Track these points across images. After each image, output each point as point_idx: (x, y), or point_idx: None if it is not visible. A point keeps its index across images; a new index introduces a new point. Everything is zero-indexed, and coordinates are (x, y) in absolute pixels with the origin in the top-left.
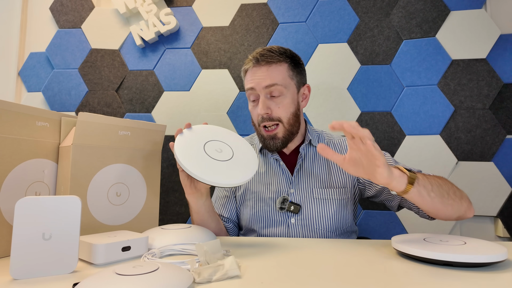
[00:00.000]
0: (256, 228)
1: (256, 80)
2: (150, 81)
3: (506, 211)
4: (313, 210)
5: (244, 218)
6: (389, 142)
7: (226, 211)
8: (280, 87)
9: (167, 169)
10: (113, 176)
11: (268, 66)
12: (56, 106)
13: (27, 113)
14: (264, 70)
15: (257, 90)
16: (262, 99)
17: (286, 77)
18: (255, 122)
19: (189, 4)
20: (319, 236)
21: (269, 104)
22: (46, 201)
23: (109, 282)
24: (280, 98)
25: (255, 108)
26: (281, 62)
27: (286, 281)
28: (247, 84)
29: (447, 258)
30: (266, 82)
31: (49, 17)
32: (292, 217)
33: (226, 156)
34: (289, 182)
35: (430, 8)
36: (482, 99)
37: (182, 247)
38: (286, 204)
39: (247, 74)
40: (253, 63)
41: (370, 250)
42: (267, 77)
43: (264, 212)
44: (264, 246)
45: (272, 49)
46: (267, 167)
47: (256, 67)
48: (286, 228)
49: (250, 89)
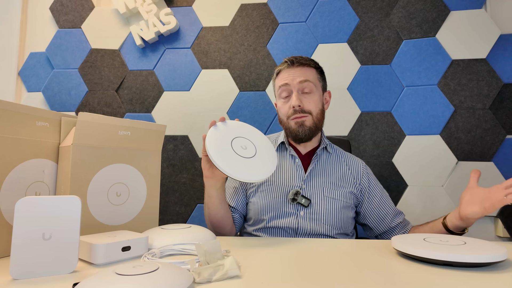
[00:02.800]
0: (266, 218)
1: (291, 77)
2: (150, 81)
3: (506, 211)
4: (322, 206)
5: (254, 207)
6: (389, 142)
7: (233, 201)
8: (312, 84)
9: (167, 169)
10: (113, 176)
11: (301, 67)
12: (56, 106)
13: (27, 113)
14: (297, 70)
15: (291, 85)
16: (296, 93)
17: (315, 78)
18: (283, 117)
19: (189, 4)
20: (324, 231)
21: (301, 98)
22: (46, 201)
23: (109, 282)
24: (311, 95)
25: (287, 103)
26: (311, 66)
27: (286, 281)
28: (281, 81)
29: (447, 258)
30: (300, 78)
31: (49, 17)
32: (302, 210)
33: (249, 154)
34: (302, 179)
35: (430, 8)
36: (482, 99)
37: (182, 247)
38: (298, 196)
39: (281, 73)
40: (288, 64)
41: (370, 250)
42: (301, 75)
43: (276, 202)
44: (264, 246)
45: (302, 56)
46: (284, 161)
47: (290, 68)
48: (295, 220)
49: (284, 85)
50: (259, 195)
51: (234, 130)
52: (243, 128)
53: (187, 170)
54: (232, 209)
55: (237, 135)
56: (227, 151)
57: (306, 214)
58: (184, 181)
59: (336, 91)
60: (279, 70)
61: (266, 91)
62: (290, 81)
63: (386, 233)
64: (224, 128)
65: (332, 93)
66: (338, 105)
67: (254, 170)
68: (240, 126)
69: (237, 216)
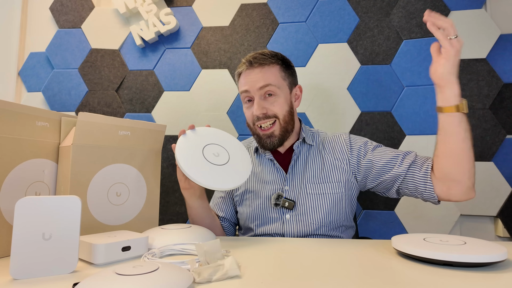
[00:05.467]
0: (253, 226)
1: (250, 83)
2: (150, 81)
3: (506, 211)
4: (307, 205)
5: (242, 217)
6: (389, 142)
7: (221, 211)
8: (274, 87)
9: (167, 169)
10: (113, 176)
11: (261, 68)
12: (56, 106)
13: (27, 113)
14: (257, 72)
15: (252, 92)
16: (257, 100)
17: (278, 78)
18: (249, 123)
19: (189, 4)
20: (313, 231)
21: (263, 104)
22: (46, 201)
23: (109, 282)
24: (274, 98)
25: (250, 109)
26: (273, 64)
27: (286, 281)
28: (241, 87)
29: (447, 258)
30: (260, 83)
31: (49, 17)
32: (287, 213)
33: (222, 161)
34: (283, 180)
35: (430, 8)
36: (482, 99)
37: (182, 247)
38: (280, 200)
39: (241, 77)
40: (246, 65)
41: (370, 250)
42: (261, 79)
43: (260, 210)
44: (264, 246)
45: (264, 52)
46: (263, 166)
47: (249, 70)
48: (281, 225)
49: (244, 92)
50: (244, 203)
51: (205, 137)
52: (214, 134)
53: None
54: (221, 218)
55: (208, 142)
56: (198, 160)
57: (292, 217)
58: None
59: (336, 91)
60: (239, 73)
61: None
62: (250, 87)
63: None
64: (194, 136)
65: (332, 93)
66: (338, 105)
67: (229, 176)
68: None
69: (227, 225)
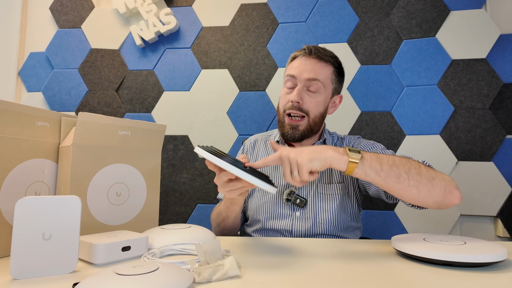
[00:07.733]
0: (262, 219)
1: (301, 70)
2: (150, 81)
3: (506, 211)
4: (318, 205)
5: (251, 208)
6: (389, 142)
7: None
8: (320, 85)
9: (167, 169)
10: (113, 176)
11: (317, 61)
12: (56, 106)
13: (27, 113)
14: (312, 63)
15: (298, 79)
16: (299, 88)
17: (328, 78)
18: (280, 108)
19: (189, 4)
20: (322, 231)
21: (303, 95)
22: (46, 201)
23: (109, 282)
24: (316, 95)
25: (287, 95)
26: (330, 64)
27: (286, 281)
28: (290, 70)
29: (447, 258)
30: (310, 74)
31: (49, 17)
32: (297, 210)
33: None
34: None
35: (430, 8)
36: (482, 99)
37: (182, 247)
38: (292, 196)
39: (295, 61)
40: (305, 52)
41: (370, 250)
42: (312, 71)
43: (270, 203)
44: (264, 246)
45: (325, 49)
46: None
47: (305, 57)
48: (290, 221)
49: (291, 76)
50: (256, 195)
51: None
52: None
53: (187, 170)
54: None
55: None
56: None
57: (302, 215)
58: (184, 181)
59: None
60: (295, 56)
61: (266, 91)
62: (298, 75)
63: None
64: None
65: None
66: None
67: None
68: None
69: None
